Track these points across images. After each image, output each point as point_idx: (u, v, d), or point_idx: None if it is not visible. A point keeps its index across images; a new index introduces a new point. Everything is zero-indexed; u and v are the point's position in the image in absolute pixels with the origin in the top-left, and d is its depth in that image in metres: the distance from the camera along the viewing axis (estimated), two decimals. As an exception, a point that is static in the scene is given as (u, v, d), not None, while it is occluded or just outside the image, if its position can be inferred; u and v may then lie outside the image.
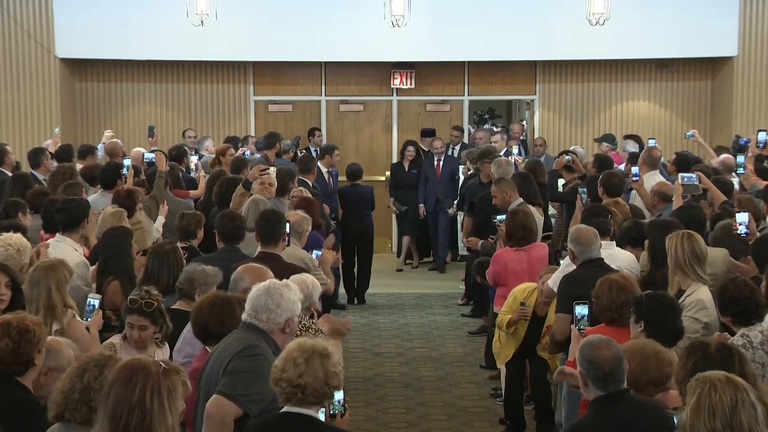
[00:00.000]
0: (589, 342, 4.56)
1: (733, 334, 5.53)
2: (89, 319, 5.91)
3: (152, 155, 10.18)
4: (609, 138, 13.90)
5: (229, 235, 7.39)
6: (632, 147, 12.53)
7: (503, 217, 8.33)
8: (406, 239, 14.68)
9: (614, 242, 7.48)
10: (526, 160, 12.12)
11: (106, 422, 3.54)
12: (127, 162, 9.81)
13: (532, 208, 9.14)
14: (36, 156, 10.70)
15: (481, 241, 9.87)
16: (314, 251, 7.62)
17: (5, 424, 4.29)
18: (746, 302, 5.50)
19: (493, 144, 13.41)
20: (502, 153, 12.87)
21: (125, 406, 3.52)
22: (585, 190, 9.33)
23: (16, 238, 6.54)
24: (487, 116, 15.84)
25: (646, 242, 7.21)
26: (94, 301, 6.07)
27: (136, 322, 5.44)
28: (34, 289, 5.72)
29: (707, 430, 3.65)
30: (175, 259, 6.50)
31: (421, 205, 14.35)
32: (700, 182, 8.67)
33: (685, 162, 10.38)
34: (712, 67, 16.69)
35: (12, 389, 4.45)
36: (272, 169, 9.24)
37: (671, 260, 6.38)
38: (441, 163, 14.40)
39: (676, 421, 4.15)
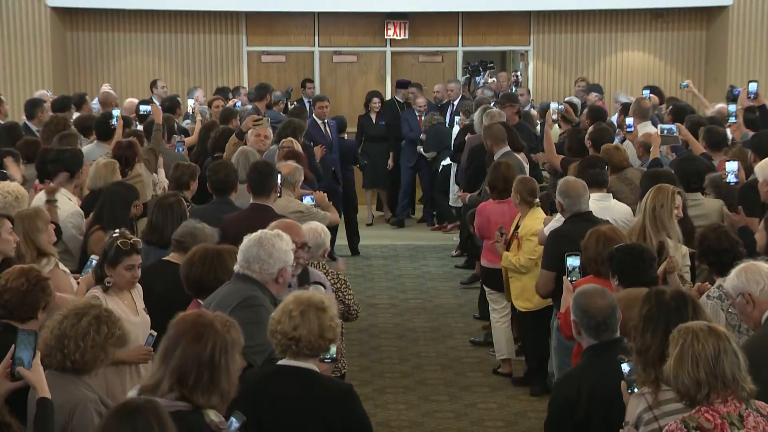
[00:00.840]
0: (584, 291, 4.58)
1: None
2: (83, 275, 5.93)
3: (148, 107, 10.12)
4: (597, 88, 13.83)
5: (220, 188, 7.37)
6: (624, 98, 12.49)
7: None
8: (369, 193, 14.41)
9: (611, 194, 7.47)
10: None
11: (172, 377, 3.54)
12: (116, 113, 9.72)
13: (518, 156, 9.19)
14: (32, 107, 10.65)
15: (469, 195, 9.87)
16: (305, 197, 7.59)
17: None
18: (723, 253, 5.52)
19: (448, 91, 13.66)
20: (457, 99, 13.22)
21: (195, 363, 3.53)
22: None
23: (14, 186, 6.54)
24: (480, 67, 15.67)
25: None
26: (94, 260, 6.10)
27: (135, 262, 5.46)
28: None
29: (691, 379, 3.69)
30: (180, 211, 6.48)
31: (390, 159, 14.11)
32: (679, 133, 8.69)
33: (680, 112, 10.36)
34: (707, 16, 16.61)
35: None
36: (266, 120, 9.20)
37: (644, 213, 6.32)
38: (423, 118, 13.91)
39: (627, 370, 4.15)
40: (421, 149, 13.70)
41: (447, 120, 13.77)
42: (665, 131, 8.68)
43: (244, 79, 16.34)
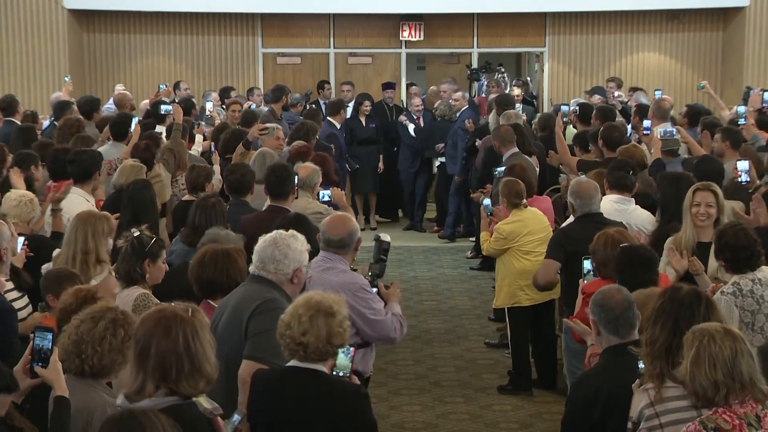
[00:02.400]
0: (600, 290, 4.60)
1: None
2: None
3: (169, 107, 10.13)
4: (599, 90, 13.78)
5: (236, 189, 7.39)
6: (644, 98, 12.45)
7: (503, 169, 8.22)
8: (356, 198, 13.70)
9: (633, 199, 7.43)
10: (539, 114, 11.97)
11: (154, 376, 3.56)
12: (135, 119, 9.75)
13: (528, 159, 9.18)
14: (61, 109, 10.71)
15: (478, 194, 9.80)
16: (322, 192, 7.54)
17: None
18: (740, 250, 5.46)
19: (453, 101, 13.16)
20: (462, 109, 12.92)
21: (173, 356, 3.56)
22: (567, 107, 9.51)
23: (27, 192, 6.68)
24: (483, 71, 15.54)
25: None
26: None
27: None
28: (70, 235, 5.75)
29: (709, 381, 3.69)
30: (221, 211, 6.50)
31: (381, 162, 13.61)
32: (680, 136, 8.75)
33: (696, 114, 10.34)
34: (723, 17, 16.55)
35: None
36: (273, 126, 9.12)
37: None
38: (421, 120, 13.59)
39: (641, 367, 4.17)
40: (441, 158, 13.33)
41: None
42: (666, 134, 8.72)
43: (259, 80, 16.38)
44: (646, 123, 9.50)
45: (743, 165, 7.40)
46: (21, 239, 6.20)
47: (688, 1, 16.07)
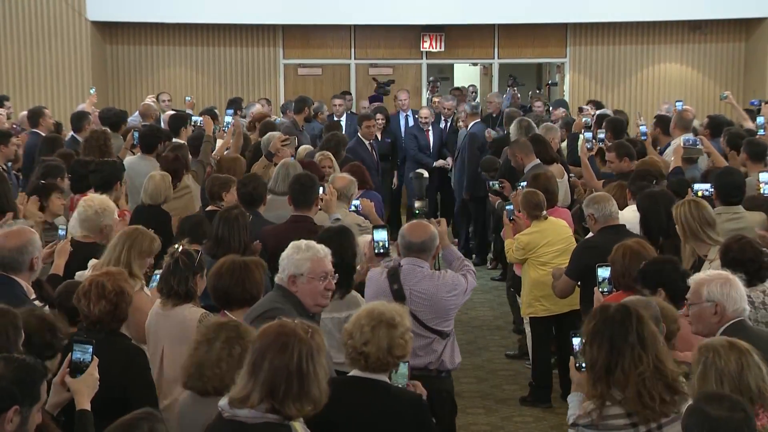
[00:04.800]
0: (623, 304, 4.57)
1: None
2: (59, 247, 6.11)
3: (200, 118, 10.15)
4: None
5: (249, 200, 7.37)
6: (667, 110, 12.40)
7: (512, 208, 8.04)
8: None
9: None
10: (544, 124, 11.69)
11: (263, 390, 3.48)
12: (196, 118, 9.78)
13: (554, 167, 9.14)
14: (78, 120, 10.79)
15: (498, 201, 9.74)
16: (352, 204, 7.57)
17: (123, 371, 4.42)
18: (748, 263, 5.43)
19: (446, 109, 13.02)
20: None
21: (284, 374, 3.47)
22: (591, 133, 9.42)
23: (99, 200, 6.59)
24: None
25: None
26: (62, 232, 6.31)
27: None
28: (111, 247, 5.74)
29: None
30: (244, 223, 6.50)
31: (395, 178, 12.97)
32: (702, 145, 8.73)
33: (717, 125, 10.29)
34: (746, 28, 16.49)
35: (114, 342, 4.62)
36: (293, 139, 9.14)
37: (683, 229, 6.33)
38: (430, 133, 12.95)
39: (576, 343, 4.30)
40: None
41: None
42: (689, 142, 8.70)
43: (280, 91, 16.45)
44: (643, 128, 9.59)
45: (766, 177, 7.36)
46: (62, 231, 6.25)
47: (709, 12, 16.02)
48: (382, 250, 5.85)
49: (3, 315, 4.24)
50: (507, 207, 8.03)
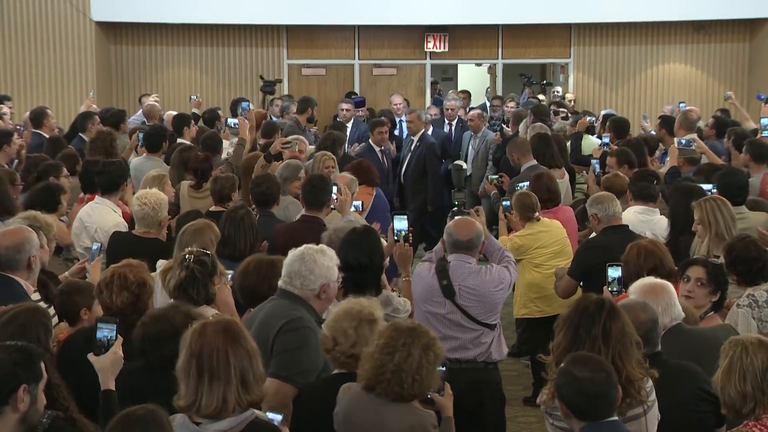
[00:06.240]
0: (625, 305, 4.56)
1: None
2: (92, 263, 6.05)
3: (236, 120, 10.11)
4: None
5: (263, 201, 7.38)
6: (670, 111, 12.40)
7: (508, 204, 7.89)
8: None
9: (657, 209, 7.41)
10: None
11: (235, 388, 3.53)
12: (231, 121, 9.73)
13: (554, 171, 9.10)
14: (84, 120, 10.82)
15: (493, 192, 9.64)
16: (353, 204, 7.56)
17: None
18: (752, 262, 5.46)
19: (469, 120, 12.30)
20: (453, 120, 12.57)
21: (248, 364, 3.54)
22: (598, 160, 9.27)
23: (151, 194, 6.63)
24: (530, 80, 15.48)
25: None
26: (96, 246, 6.26)
27: None
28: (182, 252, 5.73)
29: (738, 392, 3.68)
30: (250, 222, 6.49)
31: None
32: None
33: (723, 125, 10.29)
34: (750, 28, 16.47)
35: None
36: (293, 139, 9.08)
37: (710, 227, 6.33)
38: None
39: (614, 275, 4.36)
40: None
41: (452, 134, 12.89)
42: (683, 144, 8.73)
43: (284, 91, 16.43)
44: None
45: None
46: (96, 245, 6.24)
47: (714, 12, 16.01)
48: (401, 238, 5.87)
49: (32, 313, 4.29)
50: (504, 203, 8.01)
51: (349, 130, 12.38)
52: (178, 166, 8.72)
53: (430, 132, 12.14)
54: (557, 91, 14.46)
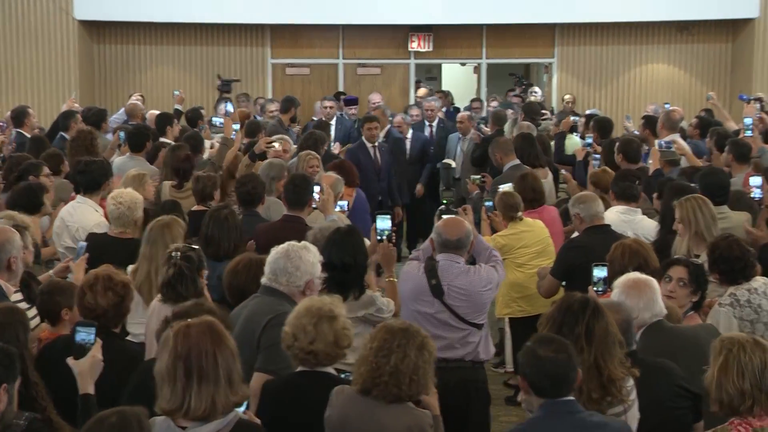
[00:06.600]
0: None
1: None
2: (77, 261, 6.00)
3: (221, 119, 10.08)
4: (511, 106, 13.54)
5: (248, 200, 7.36)
6: (653, 111, 12.43)
7: (491, 204, 7.90)
8: None
9: (639, 209, 7.44)
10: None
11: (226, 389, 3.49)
12: (236, 126, 9.66)
13: (538, 171, 9.12)
14: (66, 119, 10.76)
15: (476, 191, 9.65)
16: (338, 204, 7.56)
17: (117, 370, 4.31)
18: (735, 261, 5.48)
19: (458, 123, 12.14)
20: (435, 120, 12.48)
21: (233, 364, 3.49)
22: (598, 156, 9.30)
23: (126, 194, 6.60)
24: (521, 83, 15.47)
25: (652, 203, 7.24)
26: (82, 244, 6.23)
27: None
28: (152, 248, 5.69)
29: (736, 390, 3.68)
30: (234, 222, 6.46)
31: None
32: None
33: (707, 125, 10.33)
34: (732, 29, 16.55)
35: (113, 341, 4.51)
36: (278, 138, 9.05)
37: (690, 226, 6.35)
38: (408, 140, 12.10)
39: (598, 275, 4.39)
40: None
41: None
42: (663, 146, 8.78)
43: (268, 91, 16.43)
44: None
45: (756, 181, 7.38)
46: (82, 244, 6.21)
47: (697, 13, 16.07)
48: (384, 237, 5.87)
49: (10, 313, 4.26)
50: (486, 203, 8.02)
51: (333, 128, 12.32)
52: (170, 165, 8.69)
53: (409, 135, 12.08)
54: (535, 92, 14.44)
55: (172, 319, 4.17)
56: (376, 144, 10.77)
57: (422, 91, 14.70)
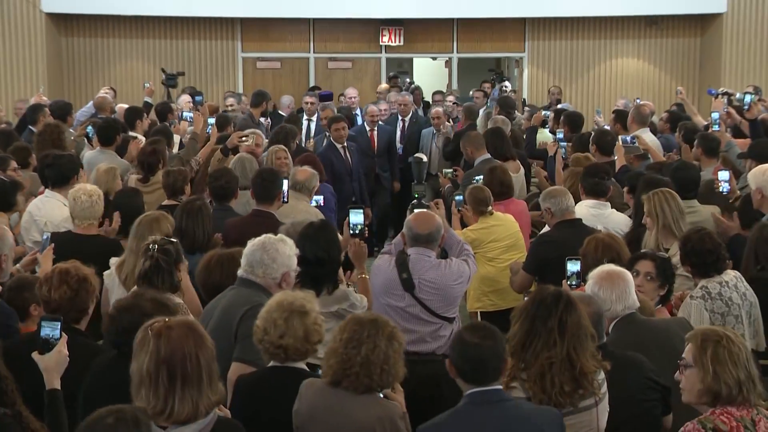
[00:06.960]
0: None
1: None
2: (43, 252, 5.94)
3: (191, 114, 10.02)
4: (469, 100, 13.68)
5: (221, 194, 7.33)
6: (623, 105, 12.49)
7: (461, 198, 7.87)
8: None
9: (609, 203, 7.47)
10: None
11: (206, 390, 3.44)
12: (211, 121, 9.55)
13: (509, 164, 9.13)
14: (34, 113, 10.64)
15: (448, 185, 9.65)
16: (314, 198, 7.55)
17: (78, 367, 4.24)
18: (707, 254, 5.50)
19: (403, 106, 12.37)
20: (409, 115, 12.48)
21: (210, 365, 3.44)
22: (565, 144, 9.36)
23: (87, 189, 6.55)
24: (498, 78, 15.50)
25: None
26: (46, 235, 6.20)
27: None
28: (140, 242, 5.60)
29: (734, 380, 3.70)
30: (207, 214, 6.44)
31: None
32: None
33: (677, 120, 10.41)
34: (701, 23, 16.66)
35: (74, 337, 4.42)
36: (250, 133, 9.00)
37: (657, 219, 6.39)
38: (374, 133, 11.91)
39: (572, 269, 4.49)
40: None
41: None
42: (627, 141, 8.91)
43: (239, 85, 16.35)
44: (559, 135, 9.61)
45: (724, 175, 7.44)
46: (47, 235, 6.16)
47: (666, 8, 16.17)
48: (357, 232, 5.87)
49: None
50: (456, 197, 8.02)
51: (314, 123, 12.27)
52: None
53: (376, 128, 11.96)
54: (506, 87, 14.43)
55: (116, 314, 4.16)
56: (345, 144, 10.64)
57: (383, 86, 14.64)
